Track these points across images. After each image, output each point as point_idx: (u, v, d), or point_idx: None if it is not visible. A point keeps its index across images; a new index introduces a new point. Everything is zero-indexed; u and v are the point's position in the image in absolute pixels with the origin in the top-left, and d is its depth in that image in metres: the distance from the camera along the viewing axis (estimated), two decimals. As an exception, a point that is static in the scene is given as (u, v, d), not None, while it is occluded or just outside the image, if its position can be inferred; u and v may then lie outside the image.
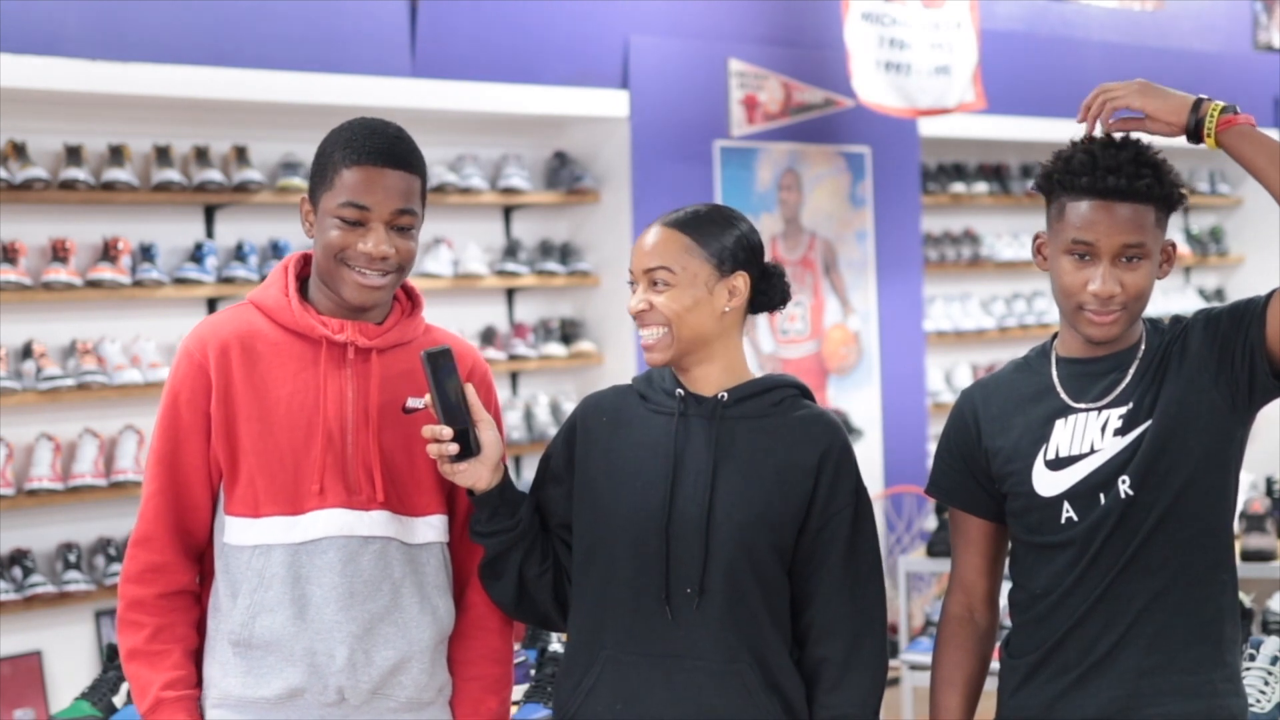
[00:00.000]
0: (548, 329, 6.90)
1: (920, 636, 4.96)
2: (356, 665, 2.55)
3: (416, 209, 2.58)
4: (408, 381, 2.63)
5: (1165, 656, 2.54)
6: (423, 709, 2.62)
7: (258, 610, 2.54)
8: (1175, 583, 2.54)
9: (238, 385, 2.56)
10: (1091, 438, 2.58)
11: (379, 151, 2.53)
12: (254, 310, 2.62)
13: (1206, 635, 2.56)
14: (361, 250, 2.52)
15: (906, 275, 7.87)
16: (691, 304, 2.60)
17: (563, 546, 2.70)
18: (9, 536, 5.57)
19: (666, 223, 2.65)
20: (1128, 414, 2.57)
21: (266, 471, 2.55)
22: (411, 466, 2.62)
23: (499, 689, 2.71)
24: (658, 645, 2.57)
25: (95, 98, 5.68)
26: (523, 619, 2.74)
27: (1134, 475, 2.54)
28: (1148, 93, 2.63)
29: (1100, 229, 2.54)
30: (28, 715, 5.49)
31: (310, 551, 2.54)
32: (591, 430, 2.68)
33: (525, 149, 7.00)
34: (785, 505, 2.59)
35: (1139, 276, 2.55)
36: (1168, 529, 2.54)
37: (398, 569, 2.58)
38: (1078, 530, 2.56)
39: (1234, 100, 2.68)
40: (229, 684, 2.57)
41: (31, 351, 5.59)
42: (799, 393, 2.69)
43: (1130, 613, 2.55)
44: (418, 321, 2.69)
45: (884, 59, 6.86)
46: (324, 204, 2.55)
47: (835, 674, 2.61)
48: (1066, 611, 2.58)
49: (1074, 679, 2.57)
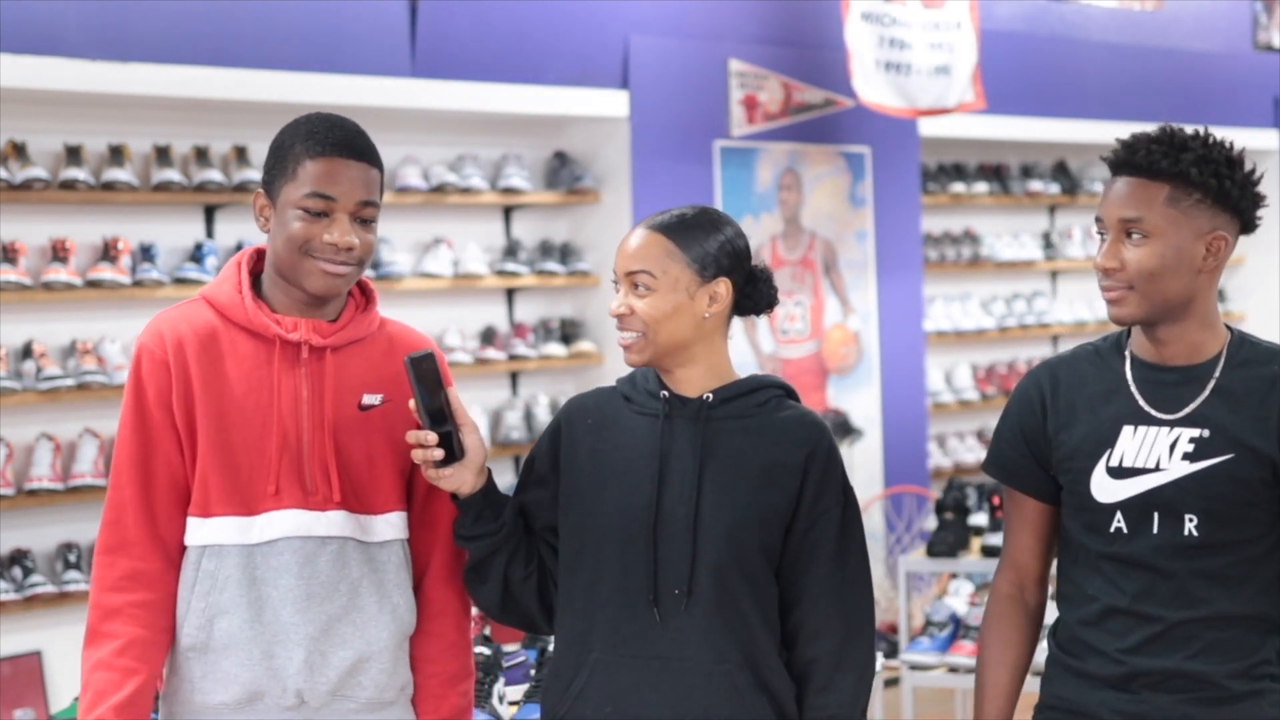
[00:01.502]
0: (548, 329, 6.90)
1: (920, 636, 4.96)
2: (314, 667, 2.52)
3: (378, 201, 2.57)
4: (363, 379, 2.60)
5: (1210, 684, 2.51)
6: (384, 709, 2.60)
7: (214, 613, 2.50)
8: (1230, 625, 2.51)
9: (194, 382, 2.52)
10: (1159, 454, 2.53)
11: (342, 143, 2.53)
12: (206, 306, 2.58)
13: (1253, 674, 2.51)
14: (327, 240, 2.50)
15: (906, 275, 7.87)
16: (671, 310, 2.59)
17: (547, 549, 2.69)
18: (9, 536, 5.57)
19: (651, 225, 2.63)
20: (1200, 439, 2.51)
21: (220, 471, 2.51)
22: (369, 465, 2.59)
23: (459, 682, 2.69)
24: (646, 647, 2.56)
25: (95, 98, 5.68)
26: (507, 622, 2.73)
27: (1201, 514, 2.50)
28: None
29: (1107, 203, 2.54)
30: (28, 715, 5.49)
31: (266, 553, 2.51)
32: (576, 433, 2.67)
33: (525, 149, 7.00)
34: (772, 505, 2.58)
35: (1141, 254, 2.49)
36: (1230, 574, 2.50)
37: (355, 568, 2.56)
38: (1132, 549, 2.53)
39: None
40: (185, 689, 2.53)
41: (31, 351, 5.59)
42: (784, 393, 2.68)
43: (1179, 650, 2.51)
44: (372, 317, 2.66)
45: (884, 59, 6.86)
46: (285, 196, 2.52)
47: (825, 675, 2.60)
48: (1115, 622, 2.55)
49: (1118, 680, 2.55)
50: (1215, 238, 2.51)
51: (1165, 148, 2.50)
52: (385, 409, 2.60)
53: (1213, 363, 2.54)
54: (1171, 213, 2.49)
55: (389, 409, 2.61)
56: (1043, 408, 2.64)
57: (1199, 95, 9.12)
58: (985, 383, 8.53)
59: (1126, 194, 2.51)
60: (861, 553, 2.65)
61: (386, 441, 2.61)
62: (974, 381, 8.48)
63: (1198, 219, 2.50)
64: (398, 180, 6.50)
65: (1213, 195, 2.50)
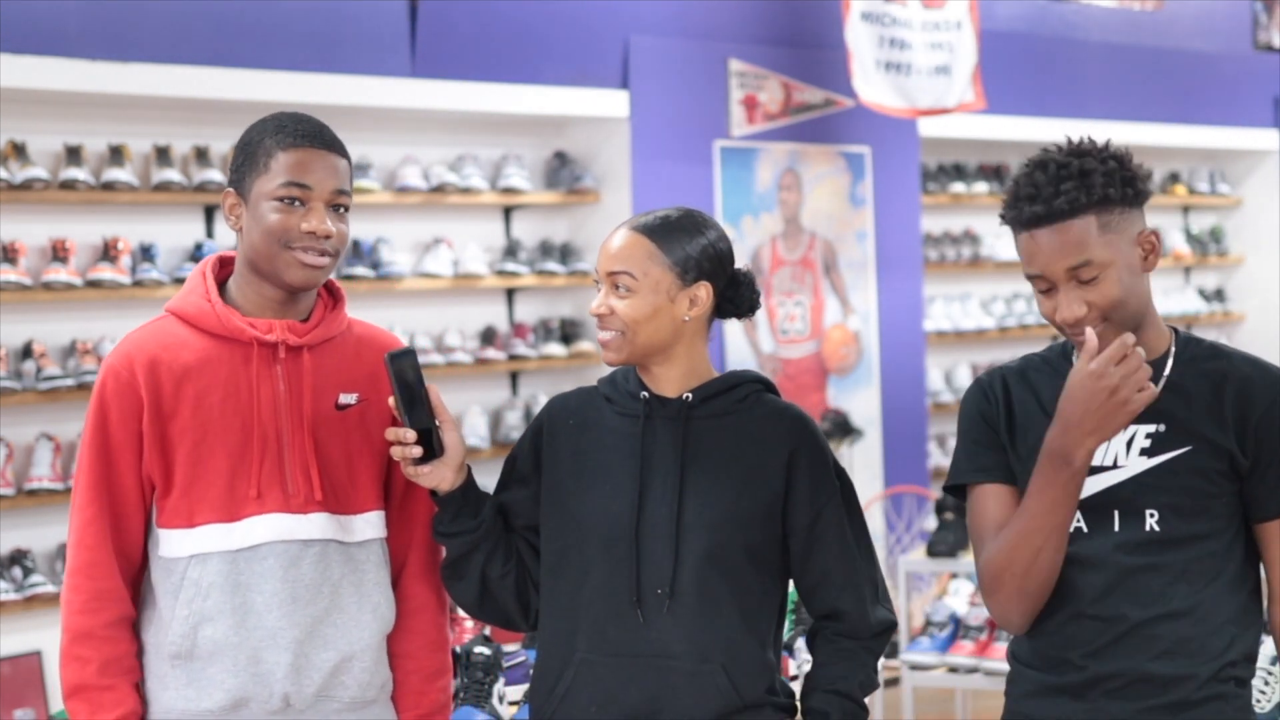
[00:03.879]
0: (548, 329, 6.90)
1: (920, 636, 4.95)
2: (300, 669, 2.52)
3: (350, 191, 2.58)
4: (337, 378, 2.61)
5: (1173, 688, 2.48)
6: (366, 707, 2.60)
7: (198, 620, 2.50)
8: (1193, 624, 2.48)
9: (168, 399, 2.52)
10: (1116, 451, 2.51)
11: (313, 135, 2.54)
12: (175, 320, 2.58)
13: (1219, 678, 2.48)
14: (305, 229, 2.50)
15: (906, 275, 7.87)
16: (651, 312, 2.58)
17: (527, 548, 2.69)
18: (9, 536, 5.57)
19: (634, 226, 2.63)
20: (1158, 434, 2.50)
21: (202, 481, 2.51)
22: (347, 464, 2.60)
23: (438, 678, 2.69)
24: (630, 647, 2.56)
25: (95, 98, 5.68)
26: (485, 619, 2.74)
27: (1162, 508, 2.49)
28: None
29: (1040, 259, 2.45)
30: (28, 715, 5.50)
31: (250, 558, 2.51)
32: (558, 432, 2.68)
33: (525, 149, 7.00)
34: (756, 503, 2.59)
35: (1104, 289, 2.44)
36: (1191, 569, 2.48)
37: (337, 570, 2.57)
38: (1093, 548, 2.51)
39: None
40: (169, 699, 2.53)
41: (31, 351, 5.59)
42: (762, 387, 2.69)
43: (1143, 651, 2.49)
44: (341, 316, 2.66)
45: (884, 59, 6.86)
46: (258, 189, 2.52)
47: (848, 647, 2.63)
48: (1076, 627, 2.52)
49: (1078, 687, 2.52)
50: (1144, 237, 2.49)
51: (1075, 182, 2.43)
52: (361, 408, 2.61)
53: (1162, 360, 2.53)
54: (1108, 237, 2.44)
55: (365, 408, 2.61)
56: (1006, 404, 2.61)
57: (1199, 95, 9.12)
58: (985, 383, 8.53)
59: (1060, 243, 2.43)
60: (865, 528, 2.68)
61: (364, 440, 2.62)
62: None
63: (1127, 229, 2.46)
64: (398, 180, 6.50)
65: (1129, 201, 2.47)
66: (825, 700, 2.62)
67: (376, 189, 6.35)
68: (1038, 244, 2.45)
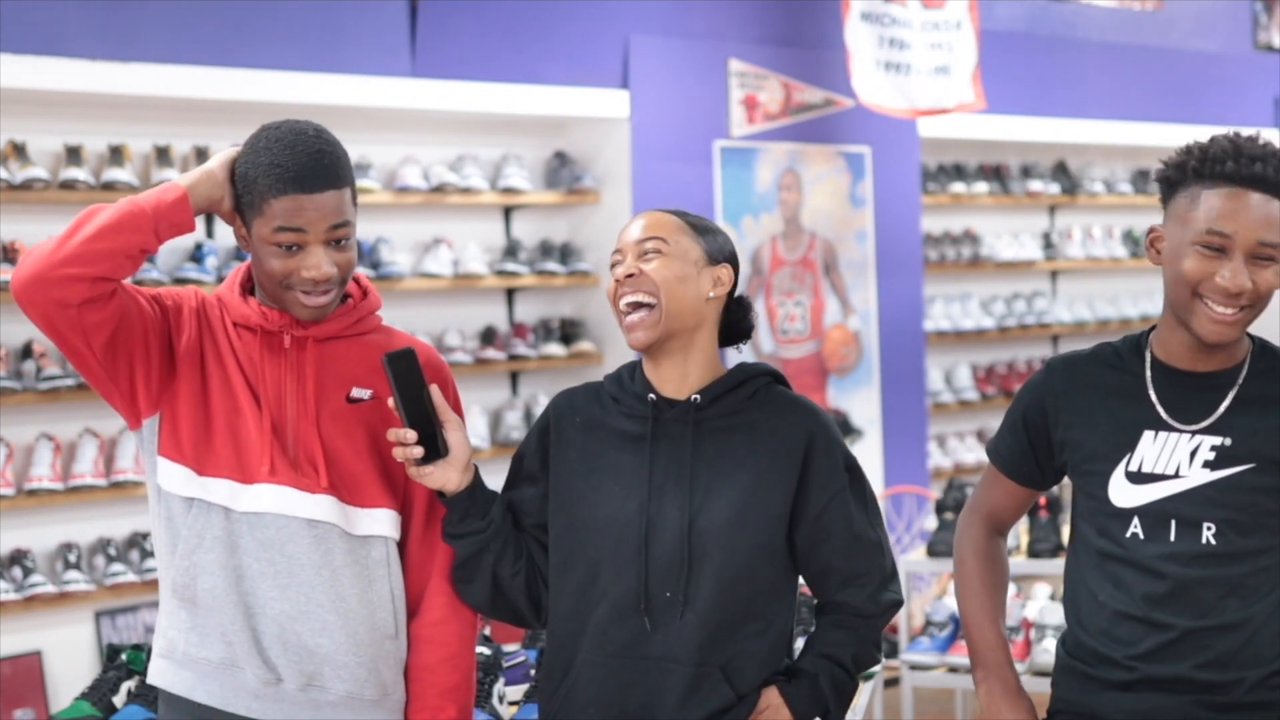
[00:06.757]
0: (548, 329, 6.89)
1: (920, 636, 4.95)
2: (288, 645, 2.54)
3: (350, 218, 2.57)
4: (354, 373, 2.63)
5: (1220, 691, 2.48)
6: (361, 708, 2.59)
7: (197, 571, 2.54)
8: (1243, 636, 2.48)
9: (204, 341, 2.59)
10: (1179, 460, 2.49)
11: (303, 177, 2.51)
12: (217, 301, 2.67)
13: (1267, 685, 2.48)
14: (305, 276, 2.53)
15: (906, 275, 7.87)
16: (682, 275, 2.60)
17: (537, 545, 2.69)
18: (9, 536, 5.57)
19: (657, 209, 2.69)
20: (1222, 448, 2.48)
21: (217, 437, 2.56)
22: (356, 457, 2.61)
23: (458, 696, 2.68)
24: (635, 649, 2.57)
25: (95, 98, 5.68)
26: (497, 617, 2.74)
27: (1220, 522, 2.47)
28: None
29: (1240, 219, 2.39)
30: (28, 715, 5.49)
31: (251, 523, 2.54)
32: (565, 431, 2.68)
33: (525, 149, 7.00)
34: (767, 504, 2.59)
35: (1269, 276, 2.42)
36: (1245, 584, 2.48)
37: (339, 557, 2.57)
38: (1148, 554, 2.50)
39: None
40: (175, 636, 2.58)
41: (31, 351, 5.59)
42: (771, 378, 2.69)
43: (1190, 659, 2.48)
44: (363, 312, 2.68)
45: (884, 59, 6.86)
46: (257, 230, 2.54)
47: (848, 622, 2.65)
48: (1126, 629, 2.53)
49: (1126, 685, 2.53)
50: None
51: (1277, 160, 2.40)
52: (374, 404, 2.62)
53: (1236, 370, 2.51)
54: None
55: (378, 404, 2.63)
56: (1054, 409, 2.62)
57: (1199, 95, 9.12)
58: (985, 383, 8.53)
59: (1265, 214, 2.39)
60: (878, 511, 2.71)
61: (372, 436, 2.63)
62: (974, 381, 8.48)
63: None
64: (398, 180, 6.50)
65: None
66: (815, 663, 2.63)
67: (376, 189, 6.35)
68: (1245, 204, 2.40)
